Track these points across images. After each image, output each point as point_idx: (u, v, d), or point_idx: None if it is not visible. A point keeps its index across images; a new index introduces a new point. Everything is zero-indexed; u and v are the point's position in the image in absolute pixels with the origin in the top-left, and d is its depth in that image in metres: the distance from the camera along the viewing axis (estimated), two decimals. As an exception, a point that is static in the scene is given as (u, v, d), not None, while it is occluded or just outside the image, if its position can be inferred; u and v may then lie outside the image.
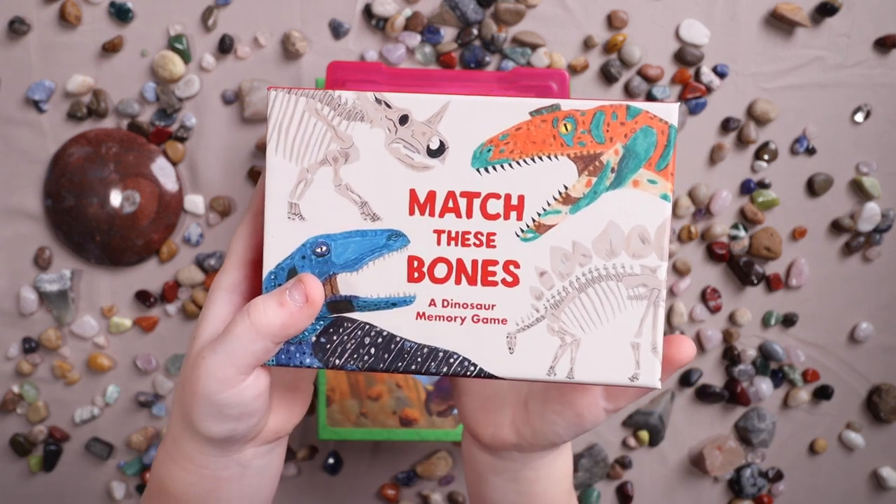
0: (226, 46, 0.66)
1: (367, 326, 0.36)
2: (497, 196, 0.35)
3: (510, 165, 0.35)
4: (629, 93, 0.68)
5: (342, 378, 0.65)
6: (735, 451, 0.72)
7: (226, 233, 0.69)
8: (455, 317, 0.36)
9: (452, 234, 0.36)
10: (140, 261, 0.68)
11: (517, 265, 0.36)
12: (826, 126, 0.69)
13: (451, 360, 0.36)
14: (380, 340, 0.36)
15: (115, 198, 0.67)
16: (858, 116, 0.69)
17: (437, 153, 0.35)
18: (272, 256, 0.36)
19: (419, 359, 0.36)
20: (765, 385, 0.71)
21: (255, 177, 0.68)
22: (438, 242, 0.36)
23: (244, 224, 0.38)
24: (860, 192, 0.70)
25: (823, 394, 0.72)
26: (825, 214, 0.70)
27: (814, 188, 0.70)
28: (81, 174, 0.66)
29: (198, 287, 0.69)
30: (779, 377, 0.72)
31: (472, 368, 0.36)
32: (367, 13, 0.67)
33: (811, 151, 0.69)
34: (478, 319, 0.36)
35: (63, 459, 0.71)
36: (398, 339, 0.36)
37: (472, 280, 0.36)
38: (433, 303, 0.36)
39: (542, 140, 0.35)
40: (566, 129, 0.35)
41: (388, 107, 0.35)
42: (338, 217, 0.36)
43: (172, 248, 0.68)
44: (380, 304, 0.36)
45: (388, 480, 0.72)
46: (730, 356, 0.71)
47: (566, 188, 0.35)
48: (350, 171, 0.35)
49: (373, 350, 0.36)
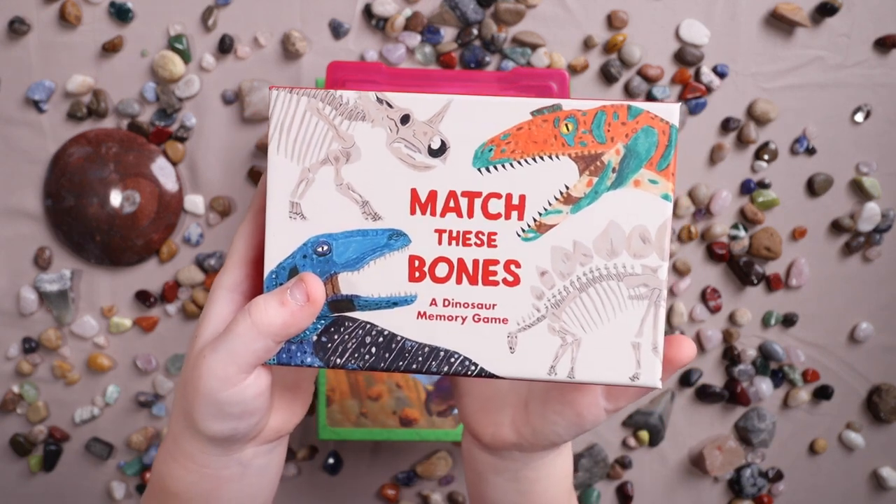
0: (226, 46, 0.66)
1: (368, 326, 0.36)
2: (498, 196, 0.35)
3: (511, 165, 0.35)
4: (629, 93, 0.68)
5: (342, 378, 0.65)
6: (735, 451, 0.72)
7: (226, 233, 0.69)
8: (456, 316, 0.36)
9: (453, 234, 0.36)
10: (140, 261, 0.68)
11: (518, 265, 0.36)
12: (826, 126, 0.69)
13: (452, 360, 0.36)
14: (381, 340, 0.36)
15: (115, 198, 0.67)
16: (858, 116, 0.69)
17: (439, 153, 0.35)
18: (273, 255, 0.36)
19: (420, 358, 0.36)
20: (765, 385, 0.71)
21: (255, 177, 0.68)
22: (439, 242, 0.36)
23: (246, 223, 0.38)
24: (860, 192, 0.70)
25: (823, 394, 0.72)
26: (825, 214, 0.70)
27: (814, 188, 0.70)
28: (81, 174, 0.66)
29: (198, 287, 0.69)
30: (779, 377, 0.72)
31: (473, 368, 0.36)
32: (367, 13, 0.67)
33: (811, 151, 0.69)
34: (479, 319, 0.36)
35: (63, 459, 0.71)
36: (399, 339, 0.36)
37: (473, 280, 0.36)
38: (434, 302, 0.36)
39: (544, 140, 0.35)
40: (567, 129, 0.35)
41: (390, 106, 0.35)
42: (339, 216, 0.36)
43: (172, 248, 0.68)
44: (381, 304, 0.36)
45: (388, 480, 0.72)
46: (730, 356, 0.71)
47: (567, 188, 0.35)
48: (351, 171, 0.35)
49: (374, 349, 0.36)
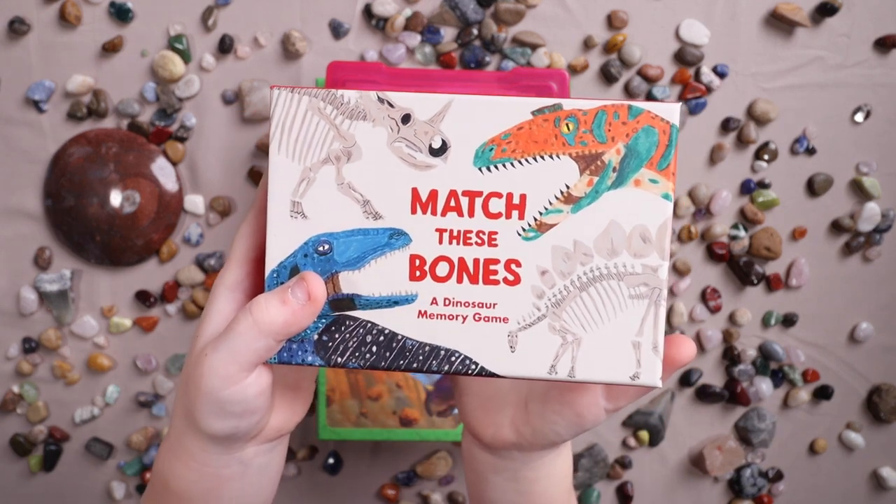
0: (226, 46, 0.66)
1: (369, 325, 0.36)
2: (499, 195, 0.35)
3: (512, 164, 0.35)
4: (629, 93, 0.68)
5: (342, 378, 0.65)
6: (735, 451, 0.72)
7: (226, 233, 0.69)
8: (456, 315, 0.36)
9: (454, 233, 0.36)
10: (140, 261, 0.68)
11: (519, 264, 0.36)
12: (826, 126, 0.69)
13: (453, 359, 0.36)
14: (381, 339, 0.36)
15: (115, 198, 0.67)
16: (858, 116, 0.69)
17: (440, 152, 0.35)
18: (275, 254, 0.36)
19: (421, 357, 0.36)
20: (765, 385, 0.72)
21: (255, 177, 0.68)
22: (440, 241, 0.36)
23: (247, 222, 0.38)
24: (860, 192, 0.70)
25: (823, 394, 0.72)
26: (825, 214, 0.71)
27: (814, 188, 0.70)
28: (81, 174, 0.66)
29: (198, 287, 0.69)
30: (779, 377, 0.72)
31: (474, 367, 0.36)
32: (367, 13, 0.67)
33: (811, 151, 0.70)
34: (479, 318, 0.36)
35: (63, 459, 0.71)
36: (400, 338, 0.36)
37: (474, 279, 0.36)
38: (435, 301, 0.36)
39: (544, 139, 0.35)
40: (568, 129, 0.35)
41: (391, 106, 0.35)
42: (340, 215, 0.36)
43: (172, 248, 0.68)
44: (381, 303, 0.36)
45: (388, 480, 0.72)
46: (730, 356, 0.71)
47: (568, 187, 0.35)
48: (352, 170, 0.35)
49: (374, 348, 0.36)
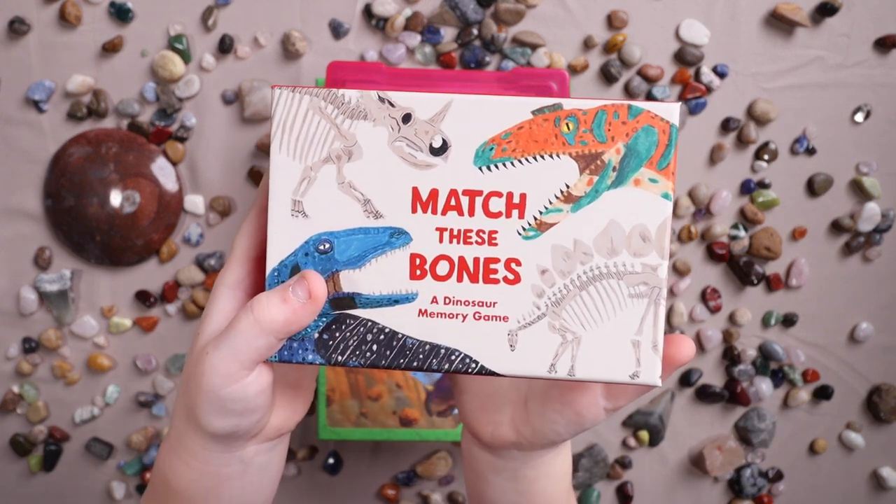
0: (226, 46, 0.66)
1: (370, 323, 0.36)
2: (499, 194, 0.35)
3: (512, 164, 0.35)
4: (629, 93, 0.68)
5: (342, 378, 0.65)
6: (735, 451, 0.72)
7: (226, 233, 0.69)
8: (457, 314, 0.36)
9: (454, 232, 0.36)
10: (140, 261, 0.68)
11: (519, 263, 0.36)
12: (826, 126, 0.70)
13: (453, 358, 0.36)
14: (382, 337, 0.36)
15: (115, 198, 0.67)
16: (858, 116, 0.69)
17: (440, 151, 0.35)
18: (275, 253, 0.36)
19: (421, 356, 0.36)
20: (765, 385, 0.72)
21: (255, 177, 0.68)
22: (440, 240, 0.36)
23: (248, 221, 0.38)
24: (860, 192, 0.70)
25: (823, 394, 0.72)
26: (825, 214, 0.71)
27: (814, 188, 0.70)
28: (81, 174, 0.66)
29: (198, 287, 0.69)
30: (779, 377, 0.72)
31: (474, 365, 0.36)
32: (367, 13, 0.67)
33: (811, 151, 0.70)
34: (479, 317, 0.36)
35: (63, 459, 0.71)
36: (400, 336, 0.36)
37: (474, 278, 0.36)
38: (435, 300, 0.36)
39: (544, 139, 0.35)
40: (568, 128, 0.35)
41: (392, 105, 0.35)
42: (341, 214, 0.36)
43: (172, 248, 0.68)
44: (382, 301, 0.36)
45: (388, 480, 0.72)
46: (730, 356, 0.71)
47: (568, 187, 0.35)
48: (353, 169, 0.35)
49: (375, 347, 0.36)
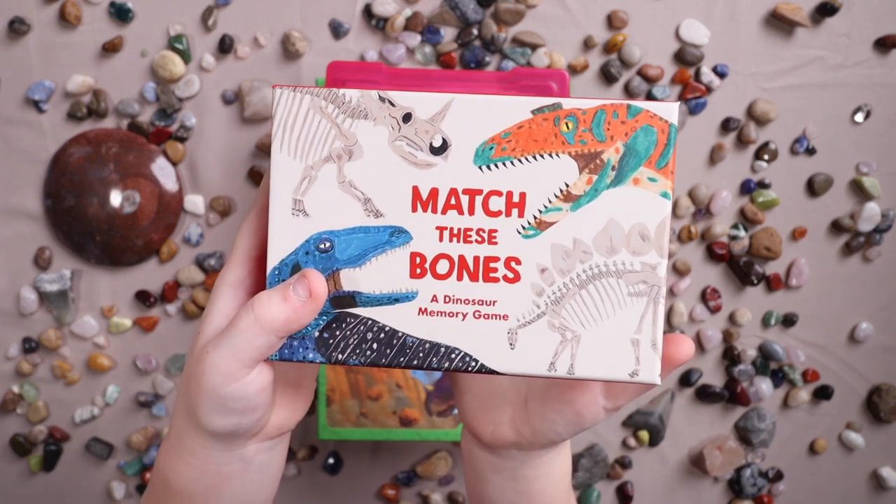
0: (226, 46, 0.66)
1: (370, 322, 0.36)
2: (499, 193, 0.35)
3: (512, 163, 0.35)
4: (629, 93, 0.68)
5: (342, 378, 0.65)
6: (735, 451, 0.72)
7: (226, 233, 0.69)
8: (457, 312, 0.36)
9: (454, 231, 0.36)
10: (140, 261, 0.68)
11: (518, 262, 0.36)
12: (826, 126, 0.70)
13: (453, 356, 0.36)
14: (382, 336, 0.36)
15: (115, 198, 0.67)
16: (858, 116, 0.69)
17: (440, 151, 0.35)
18: (276, 252, 0.36)
19: (421, 354, 0.36)
20: (765, 385, 0.72)
21: (255, 177, 0.68)
22: (440, 239, 0.36)
23: (249, 220, 0.38)
24: (860, 192, 0.70)
25: (823, 394, 0.72)
26: (825, 214, 0.71)
27: (814, 188, 0.70)
28: (81, 174, 0.66)
29: (198, 287, 0.69)
30: (779, 377, 0.72)
31: (474, 364, 0.36)
32: (367, 13, 0.67)
33: (811, 151, 0.70)
34: (479, 315, 0.36)
35: (63, 459, 0.71)
36: (400, 335, 0.36)
37: (474, 276, 0.36)
38: (435, 299, 0.36)
39: (544, 138, 0.35)
40: (567, 128, 0.35)
41: (392, 105, 0.35)
42: (341, 214, 0.36)
43: (172, 248, 0.68)
44: (382, 300, 0.36)
45: (388, 480, 0.72)
46: (730, 356, 0.71)
47: (567, 186, 0.35)
48: (353, 169, 0.36)
49: (375, 345, 0.36)
